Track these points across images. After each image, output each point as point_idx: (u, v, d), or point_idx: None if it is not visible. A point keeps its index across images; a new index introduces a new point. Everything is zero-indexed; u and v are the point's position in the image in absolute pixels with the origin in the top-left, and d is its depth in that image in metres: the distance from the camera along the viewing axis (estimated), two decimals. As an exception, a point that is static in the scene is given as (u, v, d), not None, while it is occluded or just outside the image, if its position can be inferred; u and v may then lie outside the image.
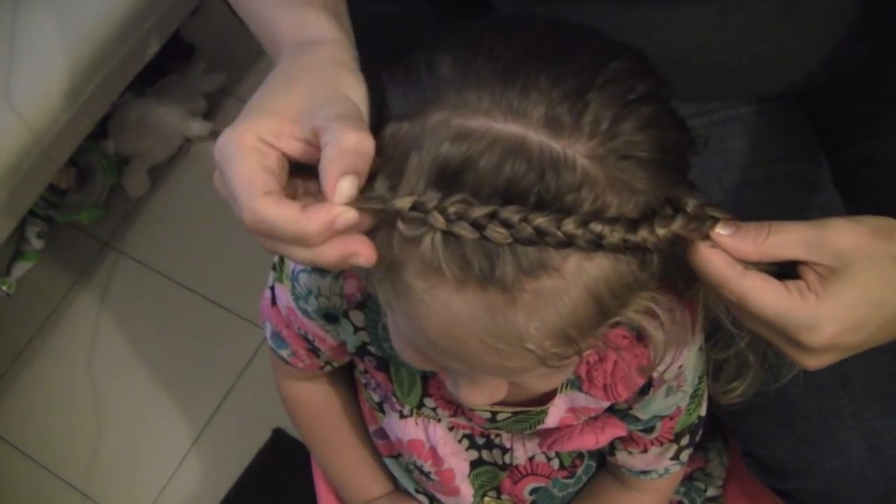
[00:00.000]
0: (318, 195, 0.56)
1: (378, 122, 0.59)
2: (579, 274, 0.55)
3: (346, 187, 0.55)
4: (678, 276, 0.64)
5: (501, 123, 0.53)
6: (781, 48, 0.87)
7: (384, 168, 0.57)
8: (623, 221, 0.54)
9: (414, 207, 0.54)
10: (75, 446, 1.66)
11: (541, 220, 0.53)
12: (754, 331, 0.63)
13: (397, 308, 0.61)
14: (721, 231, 0.59)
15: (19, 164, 1.39)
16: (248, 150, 0.57)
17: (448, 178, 0.54)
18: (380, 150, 0.57)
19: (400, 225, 0.55)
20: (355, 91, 0.62)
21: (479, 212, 0.53)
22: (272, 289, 0.90)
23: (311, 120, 0.57)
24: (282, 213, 0.55)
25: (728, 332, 0.69)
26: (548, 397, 0.82)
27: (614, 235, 0.54)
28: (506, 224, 0.53)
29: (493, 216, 0.53)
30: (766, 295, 0.59)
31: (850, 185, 0.97)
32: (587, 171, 0.54)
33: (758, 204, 0.92)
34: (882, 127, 0.97)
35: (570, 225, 0.53)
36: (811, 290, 0.59)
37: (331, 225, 0.55)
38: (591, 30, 0.60)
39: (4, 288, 1.72)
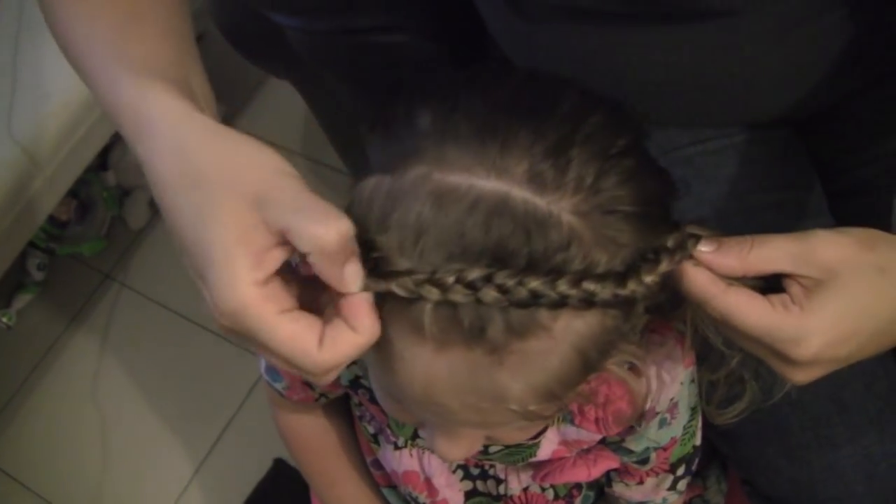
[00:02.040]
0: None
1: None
2: (567, 332, 0.55)
3: (352, 275, 0.53)
4: (664, 299, 0.63)
5: (484, 180, 0.53)
6: (774, 73, 0.87)
7: (366, 225, 0.56)
8: (612, 277, 0.54)
9: (408, 286, 0.53)
10: (78, 478, 1.65)
11: (535, 284, 0.52)
12: (742, 347, 0.63)
13: (376, 360, 0.60)
14: (703, 248, 0.59)
15: (20, 195, 1.40)
16: (262, 308, 0.54)
17: (437, 241, 0.53)
18: (361, 203, 0.56)
19: (392, 290, 0.54)
20: (254, 155, 0.57)
21: (474, 274, 0.52)
22: (267, 321, 0.90)
23: (271, 225, 0.54)
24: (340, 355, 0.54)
25: (720, 353, 0.69)
26: (539, 431, 0.82)
27: (605, 291, 0.54)
28: (501, 288, 0.52)
29: (488, 279, 0.52)
30: (750, 310, 0.58)
31: (845, 212, 0.97)
32: (573, 227, 0.54)
33: (752, 231, 0.91)
34: (877, 153, 0.97)
35: (563, 286, 0.53)
36: (796, 303, 0.58)
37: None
38: (568, 81, 0.60)
39: (5, 320, 1.71)
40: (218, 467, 1.62)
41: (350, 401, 0.97)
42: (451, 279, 0.52)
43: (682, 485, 0.92)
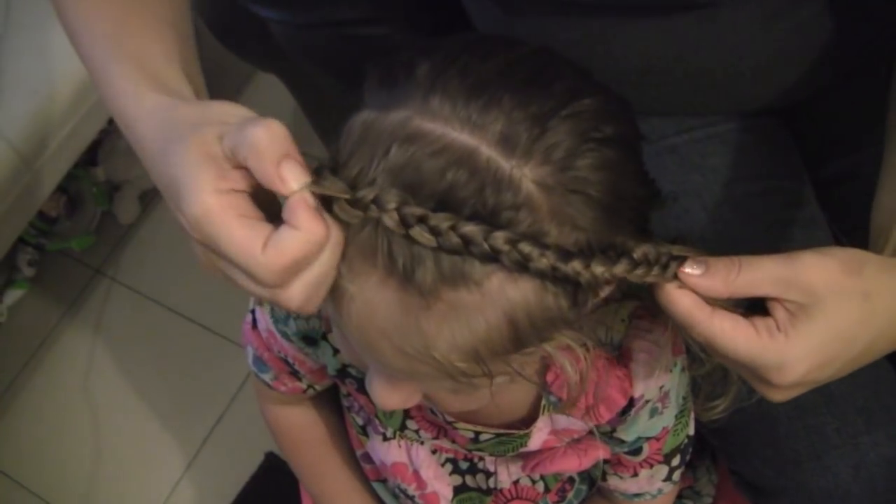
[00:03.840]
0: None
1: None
2: (500, 294, 0.55)
3: (289, 171, 0.54)
4: (650, 303, 0.64)
5: (457, 132, 0.53)
6: (760, 61, 0.87)
7: (343, 152, 0.57)
8: (556, 249, 0.54)
9: (353, 200, 0.54)
10: (69, 473, 1.65)
11: (469, 229, 0.52)
12: (725, 365, 0.63)
13: (329, 297, 0.60)
14: (689, 270, 0.59)
15: (8, 191, 1.40)
16: (222, 213, 0.55)
17: (393, 174, 0.54)
18: (344, 134, 0.57)
19: (339, 210, 0.55)
20: (225, 106, 0.62)
21: (409, 210, 0.52)
22: (253, 312, 0.90)
23: (226, 150, 0.56)
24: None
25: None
26: (531, 420, 0.82)
27: (542, 260, 0.53)
28: (433, 230, 0.52)
29: (422, 219, 0.52)
30: (735, 336, 0.59)
31: (832, 200, 0.97)
32: (531, 195, 0.53)
33: (739, 221, 0.91)
34: (863, 141, 0.96)
35: (498, 240, 0.52)
36: (780, 329, 0.59)
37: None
38: (576, 65, 0.60)
39: (-4, 316, 1.72)
40: (210, 461, 1.62)
41: (339, 392, 0.97)
42: (390, 205, 0.53)
43: (677, 475, 0.92)
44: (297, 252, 0.54)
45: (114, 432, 1.67)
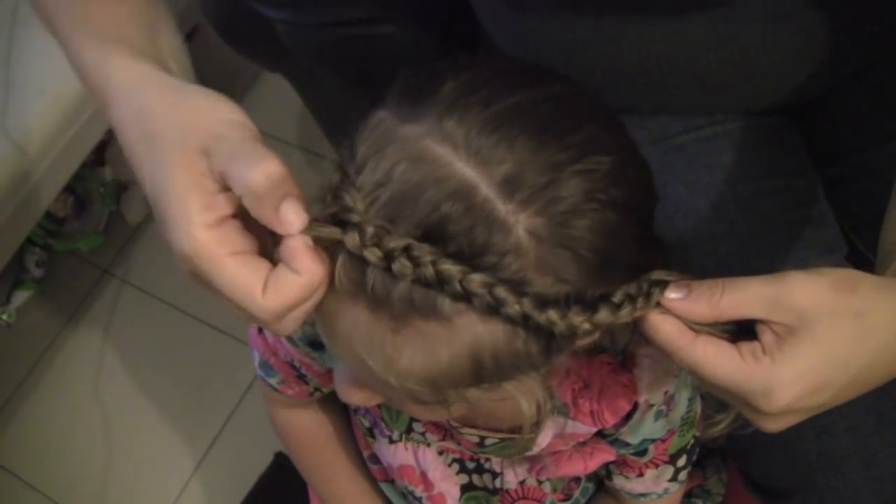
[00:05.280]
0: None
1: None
2: (468, 332, 0.55)
3: (289, 213, 0.53)
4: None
5: (462, 163, 0.53)
6: (769, 61, 0.87)
7: (358, 153, 0.56)
8: (533, 297, 0.53)
9: (338, 221, 0.54)
10: (79, 475, 1.65)
11: (446, 267, 0.52)
12: (713, 393, 0.61)
13: None
14: (672, 295, 0.57)
15: (16, 192, 1.40)
16: (212, 250, 0.54)
17: (396, 199, 0.53)
18: (361, 130, 0.56)
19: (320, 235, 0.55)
20: (204, 108, 0.60)
21: (393, 243, 0.52)
22: (259, 316, 0.90)
23: (214, 172, 0.55)
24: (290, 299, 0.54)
25: None
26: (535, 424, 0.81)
27: (515, 307, 0.53)
28: (413, 260, 0.52)
29: (406, 250, 0.52)
30: (718, 362, 0.57)
31: (841, 198, 0.96)
32: (520, 242, 0.53)
33: (747, 219, 0.91)
34: (872, 139, 0.96)
35: (474, 283, 0.52)
36: (766, 353, 0.56)
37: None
38: (608, 113, 0.59)
39: (4, 317, 1.71)
40: (219, 461, 1.62)
41: (345, 395, 0.97)
42: (371, 236, 0.53)
43: (683, 475, 0.91)
44: (297, 296, 0.54)
45: (123, 433, 1.67)
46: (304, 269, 0.53)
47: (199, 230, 0.54)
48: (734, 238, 0.90)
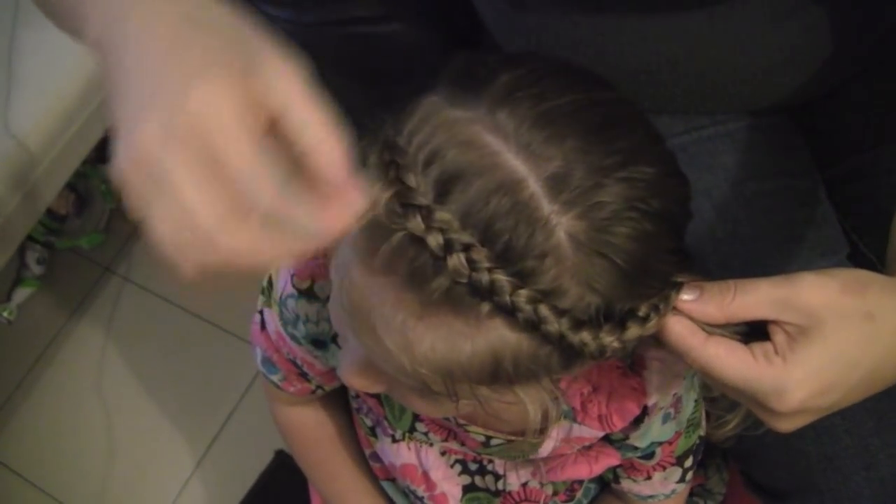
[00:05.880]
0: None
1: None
2: (495, 333, 0.54)
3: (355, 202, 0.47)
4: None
5: (512, 154, 0.53)
6: (771, 60, 0.87)
7: (404, 128, 0.54)
8: (570, 317, 0.53)
9: (404, 203, 0.52)
10: (79, 473, 1.66)
11: (499, 278, 0.52)
12: (725, 394, 0.62)
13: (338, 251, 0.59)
14: (684, 297, 0.58)
15: (17, 189, 1.40)
16: (239, 120, 0.44)
17: (442, 182, 0.53)
18: (412, 107, 0.55)
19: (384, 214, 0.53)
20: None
21: (457, 235, 0.52)
22: (261, 313, 0.90)
23: (271, 98, 0.47)
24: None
25: None
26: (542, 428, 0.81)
27: (554, 326, 0.53)
28: (470, 262, 0.52)
29: (466, 248, 0.52)
30: (730, 362, 0.57)
31: (843, 198, 0.96)
32: (560, 244, 0.52)
33: (749, 220, 0.91)
34: (874, 139, 0.96)
35: (521, 297, 0.52)
36: (778, 353, 0.57)
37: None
38: (651, 126, 0.59)
39: (6, 314, 1.72)
40: (220, 458, 1.63)
41: (348, 393, 0.97)
42: (437, 223, 0.51)
43: (690, 475, 0.91)
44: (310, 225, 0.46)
45: (124, 430, 1.68)
46: (345, 215, 0.47)
47: (231, 102, 0.45)
48: (736, 238, 0.90)
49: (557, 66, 0.59)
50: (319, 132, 0.46)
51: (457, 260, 0.52)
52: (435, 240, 0.52)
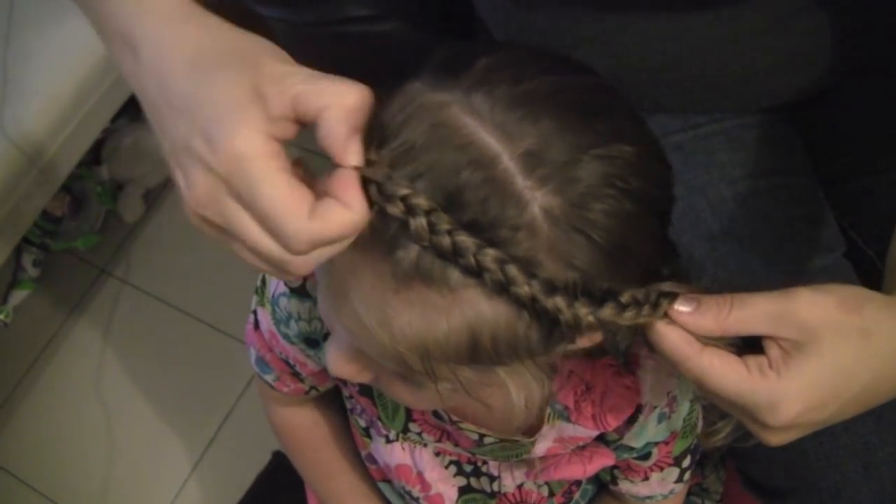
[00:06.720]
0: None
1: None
2: (471, 306, 0.54)
3: (355, 150, 0.52)
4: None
5: (486, 134, 0.52)
6: (775, 61, 0.87)
7: (388, 119, 0.55)
8: (543, 281, 0.53)
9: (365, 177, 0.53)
10: (76, 475, 1.65)
11: (462, 239, 0.51)
12: (718, 405, 0.61)
13: None
14: (680, 308, 0.57)
15: (12, 191, 1.40)
16: (268, 160, 0.51)
17: (405, 151, 0.53)
18: (395, 100, 0.55)
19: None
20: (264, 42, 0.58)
21: (416, 199, 0.51)
22: (255, 313, 0.90)
23: (287, 91, 0.52)
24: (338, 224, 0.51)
25: None
26: (536, 427, 0.81)
27: (524, 288, 0.52)
28: (431, 226, 0.51)
29: (428, 212, 0.51)
30: (724, 374, 0.57)
31: (840, 197, 0.96)
32: (534, 220, 0.52)
33: (745, 218, 0.91)
34: (871, 137, 0.96)
35: (487, 257, 0.51)
36: (773, 367, 0.56)
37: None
38: (634, 113, 0.58)
39: (2, 317, 1.71)
40: (217, 460, 1.62)
41: (342, 394, 0.97)
42: (400, 192, 0.51)
43: (688, 475, 0.91)
44: (341, 229, 0.52)
45: (120, 432, 1.67)
46: (356, 205, 0.52)
47: (258, 135, 0.51)
48: (733, 237, 0.90)
49: (537, 52, 0.59)
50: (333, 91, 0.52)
51: (418, 223, 0.51)
52: (397, 207, 0.52)
